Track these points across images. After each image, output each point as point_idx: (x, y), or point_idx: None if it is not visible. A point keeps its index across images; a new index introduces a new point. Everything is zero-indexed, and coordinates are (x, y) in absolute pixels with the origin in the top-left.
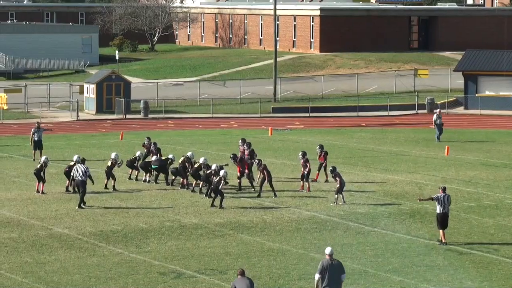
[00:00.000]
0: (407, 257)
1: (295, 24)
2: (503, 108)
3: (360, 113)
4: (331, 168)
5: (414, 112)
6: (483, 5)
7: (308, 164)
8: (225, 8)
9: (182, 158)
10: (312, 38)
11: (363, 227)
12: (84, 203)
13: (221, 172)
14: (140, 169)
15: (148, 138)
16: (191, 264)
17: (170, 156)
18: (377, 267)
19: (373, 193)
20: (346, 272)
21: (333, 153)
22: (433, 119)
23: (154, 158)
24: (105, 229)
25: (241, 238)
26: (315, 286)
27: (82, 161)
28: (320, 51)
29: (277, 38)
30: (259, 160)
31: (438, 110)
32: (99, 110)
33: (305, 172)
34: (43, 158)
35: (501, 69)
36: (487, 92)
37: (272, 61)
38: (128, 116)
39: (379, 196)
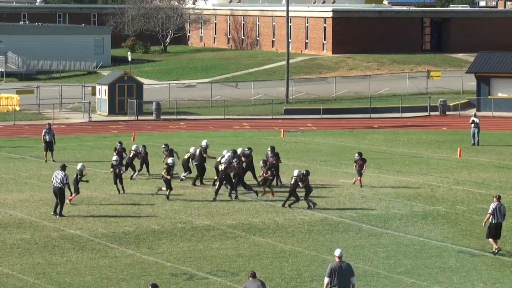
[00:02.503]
0: (419, 259)
1: (307, 26)
2: None
3: (373, 115)
4: (304, 172)
5: (426, 114)
6: (496, 7)
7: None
8: (237, 10)
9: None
10: (325, 40)
11: (375, 228)
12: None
13: (226, 155)
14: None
15: (120, 142)
16: (203, 266)
17: (191, 149)
18: (389, 269)
19: (386, 195)
20: (358, 274)
21: (346, 155)
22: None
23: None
24: (117, 230)
25: (253, 239)
26: None
27: (62, 167)
28: (333, 53)
29: (290, 40)
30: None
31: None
32: (111, 111)
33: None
34: (79, 165)
35: None
36: (499, 94)
37: (284, 62)
38: (140, 118)
39: (392, 198)
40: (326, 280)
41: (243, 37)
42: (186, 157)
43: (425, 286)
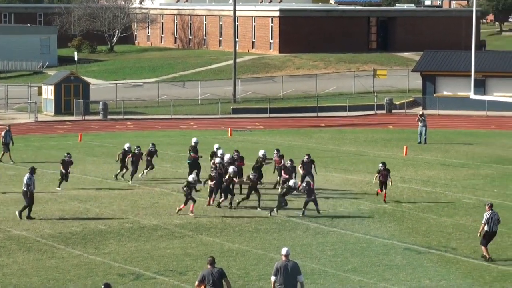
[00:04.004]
0: (366, 256)
1: (254, 25)
2: (461, 108)
3: (319, 114)
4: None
5: (373, 112)
6: (441, 6)
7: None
8: (184, 9)
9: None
10: (272, 39)
11: (322, 227)
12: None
13: (230, 169)
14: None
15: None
16: (150, 266)
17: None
18: (337, 267)
19: (333, 193)
20: (305, 273)
21: (293, 154)
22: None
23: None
24: (64, 231)
25: (200, 239)
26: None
27: (31, 170)
28: (280, 52)
29: (237, 39)
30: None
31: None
32: (57, 111)
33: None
34: (190, 177)
35: (459, 70)
36: (445, 93)
37: (231, 62)
38: (87, 118)
39: (339, 196)
40: (273, 278)
41: (190, 37)
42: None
43: (372, 283)
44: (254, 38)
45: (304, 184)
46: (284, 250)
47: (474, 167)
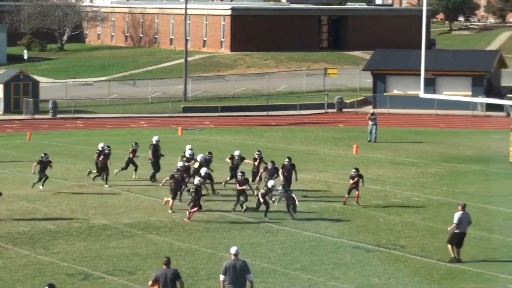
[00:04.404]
0: (316, 255)
1: (206, 24)
2: (411, 107)
3: (270, 113)
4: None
5: (323, 111)
6: (392, 5)
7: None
8: (135, 8)
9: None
10: (223, 38)
11: (272, 225)
12: None
13: (270, 183)
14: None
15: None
16: (99, 265)
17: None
18: (286, 265)
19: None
20: (254, 271)
21: (244, 153)
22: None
23: None
24: (12, 230)
25: (150, 238)
26: (221, 287)
27: None
28: (231, 51)
29: (188, 38)
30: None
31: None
32: (6, 110)
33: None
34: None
35: (409, 68)
36: (395, 91)
37: (182, 60)
38: (36, 116)
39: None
40: (221, 277)
41: (141, 35)
42: (195, 166)
43: (321, 282)
44: (205, 37)
45: (280, 188)
46: (233, 249)
47: (423, 165)
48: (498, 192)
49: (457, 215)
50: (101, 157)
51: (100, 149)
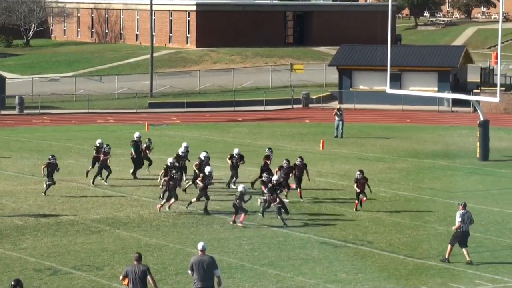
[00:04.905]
0: (283, 250)
1: (171, 19)
2: (377, 102)
3: (237, 108)
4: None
5: (289, 106)
6: (357, 0)
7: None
8: (101, 3)
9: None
10: (189, 33)
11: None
12: None
13: (240, 187)
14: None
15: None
16: (67, 261)
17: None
18: (254, 261)
19: (249, 187)
20: (222, 267)
21: (210, 148)
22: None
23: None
24: None
25: (117, 233)
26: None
27: None
28: (197, 46)
29: (154, 33)
30: None
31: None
32: None
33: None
34: (240, 187)
35: (375, 64)
36: (361, 87)
37: (148, 56)
38: (3, 112)
39: (256, 191)
40: (189, 273)
41: (106, 31)
42: (197, 162)
43: (289, 277)
44: (171, 33)
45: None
46: (200, 245)
47: (390, 161)
48: (464, 187)
49: (459, 214)
50: (101, 155)
51: (98, 145)
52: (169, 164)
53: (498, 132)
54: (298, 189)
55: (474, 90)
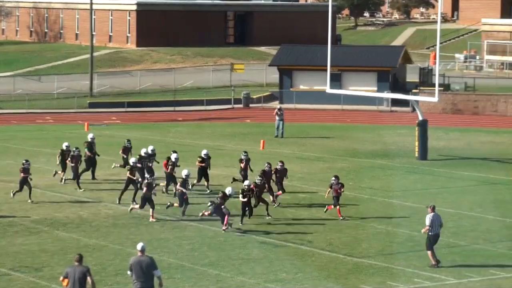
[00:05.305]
0: (224, 250)
1: (111, 19)
2: (317, 102)
3: (177, 108)
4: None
5: (230, 106)
6: (297, 0)
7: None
8: (40, 2)
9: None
10: (129, 33)
11: (180, 221)
12: None
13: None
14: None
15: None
16: (5, 262)
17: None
18: (194, 261)
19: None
20: (162, 267)
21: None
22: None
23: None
24: None
25: (57, 234)
26: None
27: None
28: (137, 46)
29: (94, 33)
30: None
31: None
32: None
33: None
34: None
35: (315, 64)
36: (301, 87)
37: (88, 55)
38: None
39: (195, 191)
40: (129, 273)
41: (46, 30)
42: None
43: (229, 277)
44: (111, 32)
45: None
46: (139, 246)
47: (330, 160)
48: (403, 186)
49: (428, 217)
50: (70, 158)
51: (64, 148)
52: (131, 163)
53: (436, 131)
54: (279, 192)
55: (413, 90)
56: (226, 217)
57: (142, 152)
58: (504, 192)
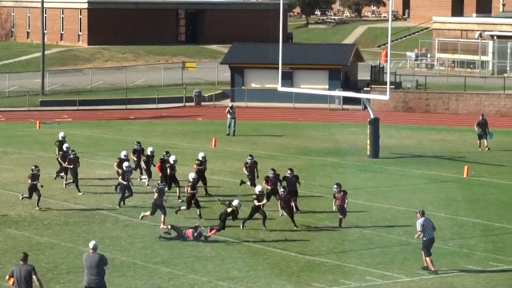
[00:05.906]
0: (176, 248)
1: (63, 17)
2: (269, 100)
3: (129, 106)
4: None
5: (182, 104)
6: None
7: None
8: None
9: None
10: (80, 31)
11: (132, 219)
12: None
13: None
14: None
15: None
16: None
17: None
18: (146, 259)
19: (142, 186)
20: (114, 265)
21: (102, 146)
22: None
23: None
24: None
25: (8, 232)
26: None
27: None
28: (88, 44)
29: (45, 31)
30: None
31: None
32: None
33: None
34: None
35: (267, 62)
36: (253, 85)
37: (40, 54)
38: None
39: (148, 189)
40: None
41: None
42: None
43: (181, 275)
44: (62, 30)
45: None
46: (91, 244)
47: (281, 158)
48: (355, 184)
49: (419, 223)
50: (68, 162)
51: (65, 149)
52: (125, 168)
53: (388, 129)
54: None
55: (365, 88)
56: (214, 230)
57: (135, 147)
58: (455, 190)
